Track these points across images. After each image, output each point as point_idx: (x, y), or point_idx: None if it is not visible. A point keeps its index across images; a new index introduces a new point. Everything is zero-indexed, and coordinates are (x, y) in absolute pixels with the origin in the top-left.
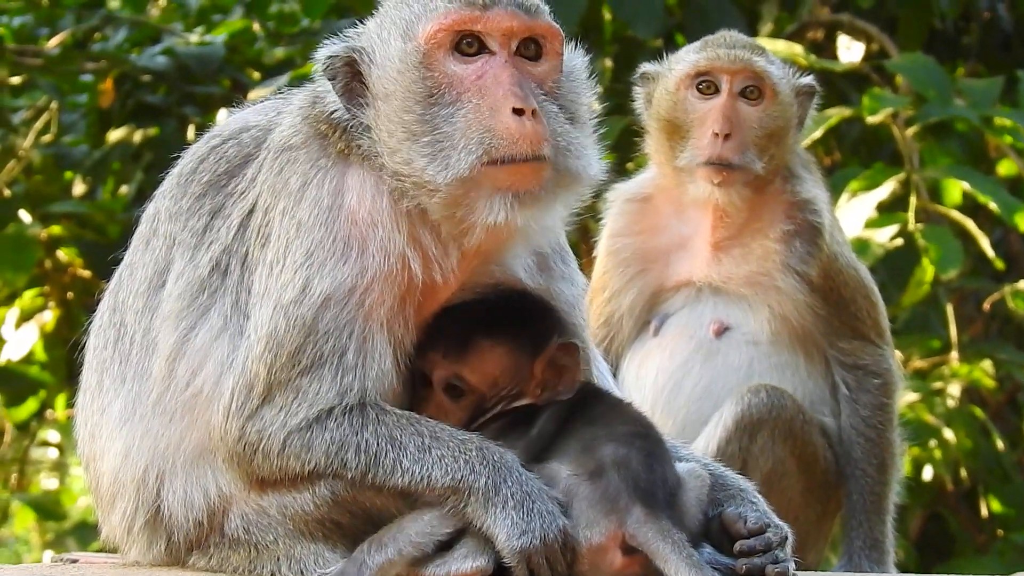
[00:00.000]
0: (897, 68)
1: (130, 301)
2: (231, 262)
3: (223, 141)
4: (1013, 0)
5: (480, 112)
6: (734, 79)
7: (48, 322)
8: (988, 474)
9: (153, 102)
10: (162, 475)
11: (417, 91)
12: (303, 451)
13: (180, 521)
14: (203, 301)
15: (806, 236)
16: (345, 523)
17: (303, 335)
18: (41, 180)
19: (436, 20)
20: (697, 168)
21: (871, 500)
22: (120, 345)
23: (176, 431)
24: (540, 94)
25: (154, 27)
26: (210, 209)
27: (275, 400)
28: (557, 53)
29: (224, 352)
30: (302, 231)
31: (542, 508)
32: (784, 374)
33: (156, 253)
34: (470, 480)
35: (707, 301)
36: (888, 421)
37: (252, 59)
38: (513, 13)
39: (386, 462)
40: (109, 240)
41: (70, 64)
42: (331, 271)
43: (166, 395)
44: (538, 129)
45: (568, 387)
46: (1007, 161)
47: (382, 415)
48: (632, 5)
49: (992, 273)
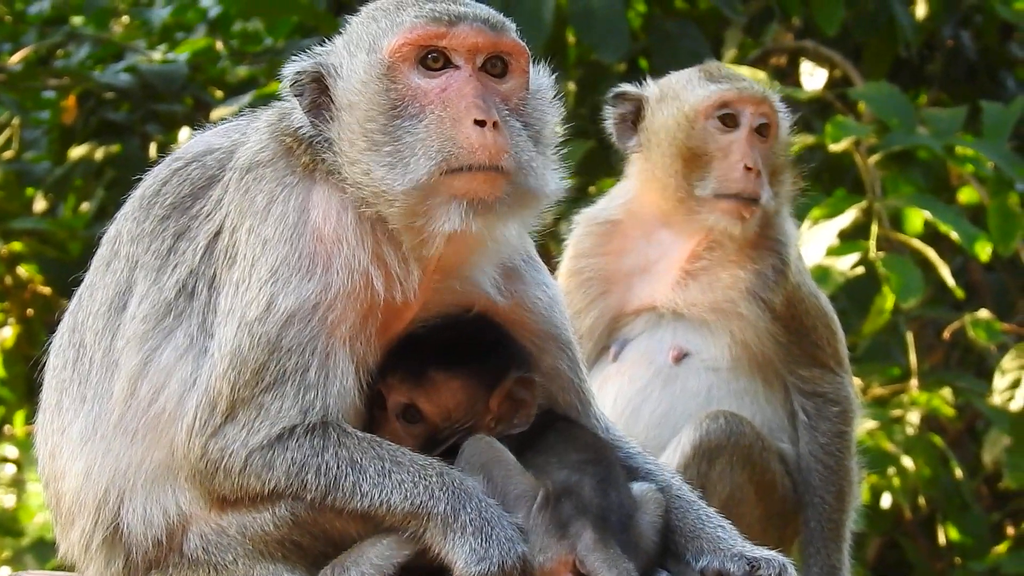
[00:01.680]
0: (861, 96)
1: (90, 322)
2: (198, 284)
3: (186, 163)
4: (977, 29)
5: (442, 122)
6: (756, 114)
7: (8, 338)
8: (947, 502)
9: (116, 119)
10: (122, 494)
11: (380, 102)
12: (264, 470)
13: (139, 539)
14: (169, 323)
15: (774, 266)
16: (305, 544)
17: (267, 352)
18: (2, 196)
19: (402, 34)
20: (721, 200)
21: (828, 527)
22: (79, 365)
23: (138, 451)
24: (504, 109)
25: (117, 44)
26: (175, 231)
27: (238, 417)
28: (523, 71)
29: (187, 371)
30: (267, 248)
31: (501, 535)
32: (743, 401)
33: (117, 275)
34: (429, 506)
35: (667, 326)
36: (846, 449)
37: (215, 78)
38: (479, 30)
39: (346, 485)
40: (70, 257)
41: (33, 80)
42: (295, 288)
43: (127, 415)
44: (499, 141)
45: (523, 421)
46: (968, 188)
47: (343, 437)
48: (597, 30)
49: (952, 301)
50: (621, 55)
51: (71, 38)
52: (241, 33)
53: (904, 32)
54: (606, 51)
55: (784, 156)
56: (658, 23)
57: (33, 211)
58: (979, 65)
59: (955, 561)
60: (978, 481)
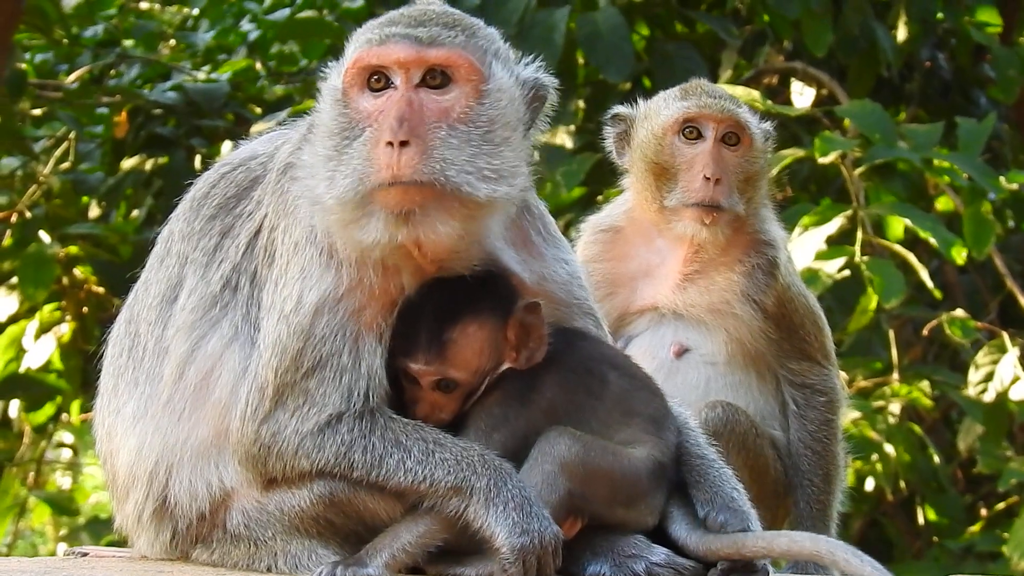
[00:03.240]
0: (846, 114)
1: (144, 314)
2: (240, 279)
3: (233, 168)
4: (952, 51)
5: (366, 143)
6: (719, 127)
7: (64, 334)
8: (925, 486)
9: (163, 134)
10: (171, 468)
11: (333, 126)
12: (315, 451)
13: (185, 511)
14: (215, 314)
15: (765, 270)
16: (338, 523)
17: (303, 340)
18: (60, 204)
19: (351, 59)
20: (686, 208)
21: (817, 508)
22: (134, 352)
23: (184, 428)
24: (435, 122)
25: (165, 65)
26: (220, 230)
27: (287, 404)
28: (467, 79)
29: (236, 360)
30: (297, 250)
31: (539, 512)
32: (738, 392)
33: (169, 271)
34: (472, 480)
35: (669, 325)
36: (833, 435)
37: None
38: (405, 45)
39: (390, 463)
40: (121, 259)
41: (87, 98)
42: (318, 282)
43: (176, 396)
44: (403, 159)
45: (538, 343)
46: (944, 197)
47: (390, 422)
48: (604, 52)
49: (929, 301)
50: (626, 75)
51: (122, 59)
52: (278, 55)
53: (885, 54)
54: (612, 71)
55: (759, 163)
56: (659, 45)
57: (88, 217)
58: (954, 84)
59: (932, 540)
60: (954, 466)
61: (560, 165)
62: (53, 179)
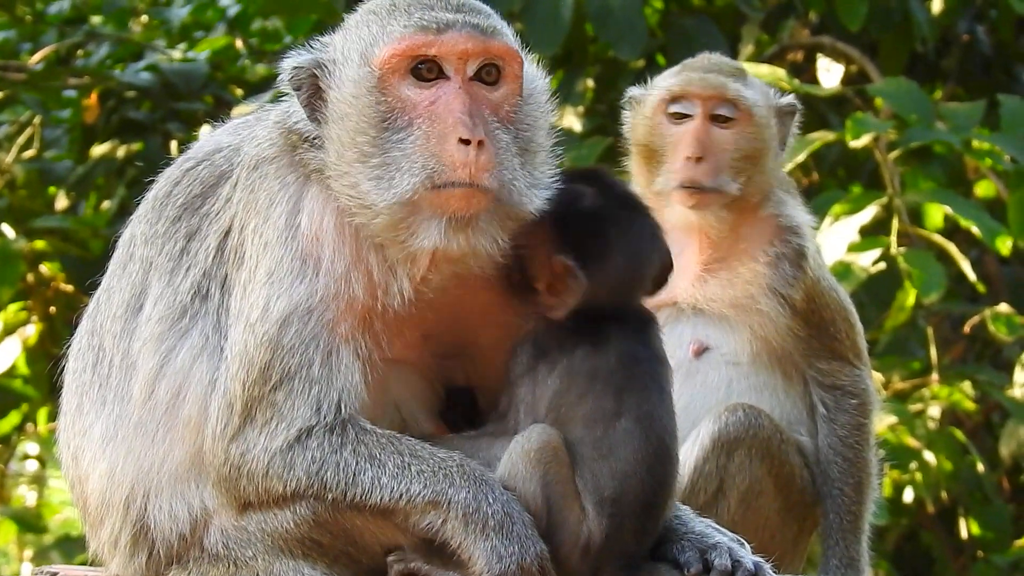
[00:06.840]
0: (879, 92)
1: (108, 325)
2: (211, 286)
3: (196, 163)
4: (992, 24)
5: (428, 139)
6: (706, 103)
7: (31, 336)
8: (968, 496)
9: (137, 118)
10: (148, 493)
11: (371, 115)
12: (285, 471)
13: (165, 535)
14: (184, 325)
15: (792, 260)
16: (326, 543)
17: (270, 351)
18: (25, 195)
19: (391, 45)
20: (672, 192)
21: (847, 519)
22: (99, 368)
23: (159, 450)
24: (493, 121)
25: (137, 43)
26: (186, 232)
27: (256, 419)
28: (516, 76)
29: (205, 373)
30: (267, 250)
31: (521, 532)
32: (762, 394)
33: (133, 277)
34: (450, 493)
35: (687, 321)
36: (865, 441)
37: (235, 76)
38: (469, 35)
39: (364, 480)
40: (92, 255)
41: (54, 79)
42: (287, 290)
43: (147, 416)
44: (482, 159)
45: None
46: (985, 182)
47: (362, 434)
48: (615, 27)
49: (971, 295)
50: (638, 52)
51: (91, 37)
52: (260, 31)
53: (920, 27)
54: (624, 48)
55: (762, 139)
56: (675, 20)
57: (55, 209)
58: (995, 59)
59: (977, 555)
60: (999, 474)
61: (569, 150)
62: (17, 168)
